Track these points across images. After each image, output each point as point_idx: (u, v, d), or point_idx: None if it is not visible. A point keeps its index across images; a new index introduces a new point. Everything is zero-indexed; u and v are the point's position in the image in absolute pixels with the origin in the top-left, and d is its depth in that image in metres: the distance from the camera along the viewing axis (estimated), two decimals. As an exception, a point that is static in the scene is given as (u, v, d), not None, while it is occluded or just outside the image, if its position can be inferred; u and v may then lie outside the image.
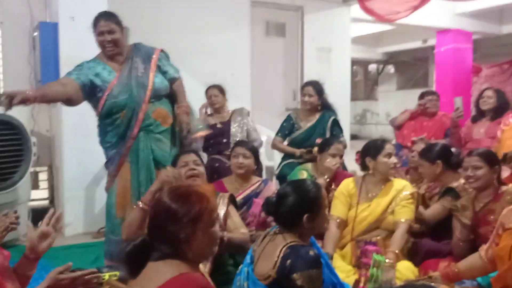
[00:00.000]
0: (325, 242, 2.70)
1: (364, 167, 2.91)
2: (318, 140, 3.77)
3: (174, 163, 2.66)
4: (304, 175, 3.35)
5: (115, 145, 3.01)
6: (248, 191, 3.05)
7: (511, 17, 7.65)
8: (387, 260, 2.45)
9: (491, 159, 2.64)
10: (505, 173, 3.15)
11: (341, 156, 3.38)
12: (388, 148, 2.81)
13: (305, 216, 1.88)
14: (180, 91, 3.18)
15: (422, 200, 3.10)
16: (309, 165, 3.51)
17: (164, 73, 3.11)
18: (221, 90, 4.19)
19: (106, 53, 3.00)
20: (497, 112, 4.17)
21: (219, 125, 4.11)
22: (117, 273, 2.71)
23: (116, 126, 2.98)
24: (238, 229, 2.51)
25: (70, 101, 2.93)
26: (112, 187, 3.04)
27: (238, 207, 2.77)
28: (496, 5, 6.88)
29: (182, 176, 2.51)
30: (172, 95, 3.17)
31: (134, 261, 1.43)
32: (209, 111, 4.30)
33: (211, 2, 5.02)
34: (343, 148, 3.49)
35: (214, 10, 5.03)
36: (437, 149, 3.09)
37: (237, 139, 3.96)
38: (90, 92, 2.95)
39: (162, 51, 3.15)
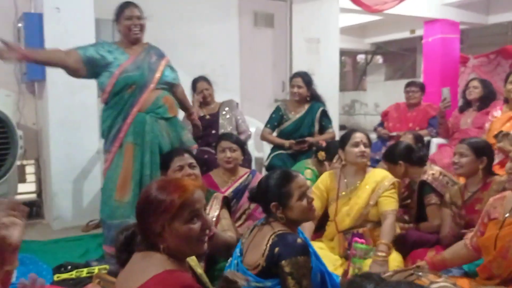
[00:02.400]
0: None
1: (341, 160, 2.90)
2: (322, 143, 3.77)
3: (166, 163, 2.60)
4: (308, 174, 3.32)
5: (115, 118, 3.03)
6: (236, 184, 3.04)
7: (497, 7, 7.68)
8: (379, 254, 2.44)
9: (479, 150, 2.66)
10: (496, 159, 3.17)
11: None
12: (355, 137, 2.75)
13: (272, 204, 1.90)
14: (186, 99, 3.46)
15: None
16: (313, 164, 3.46)
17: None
18: (209, 82, 4.16)
19: (131, 36, 3.08)
20: (484, 102, 4.20)
21: (207, 117, 4.08)
22: (107, 266, 2.71)
23: (121, 101, 3.02)
24: (225, 232, 2.47)
25: (70, 70, 3.00)
26: (112, 169, 3.03)
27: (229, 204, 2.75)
28: (483, -5, 6.93)
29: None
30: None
31: (126, 251, 1.42)
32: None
33: (199, -7, 4.98)
34: None
35: (202, 0, 4.99)
36: (398, 150, 3.12)
37: (226, 131, 3.94)
38: (98, 66, 3.00)
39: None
